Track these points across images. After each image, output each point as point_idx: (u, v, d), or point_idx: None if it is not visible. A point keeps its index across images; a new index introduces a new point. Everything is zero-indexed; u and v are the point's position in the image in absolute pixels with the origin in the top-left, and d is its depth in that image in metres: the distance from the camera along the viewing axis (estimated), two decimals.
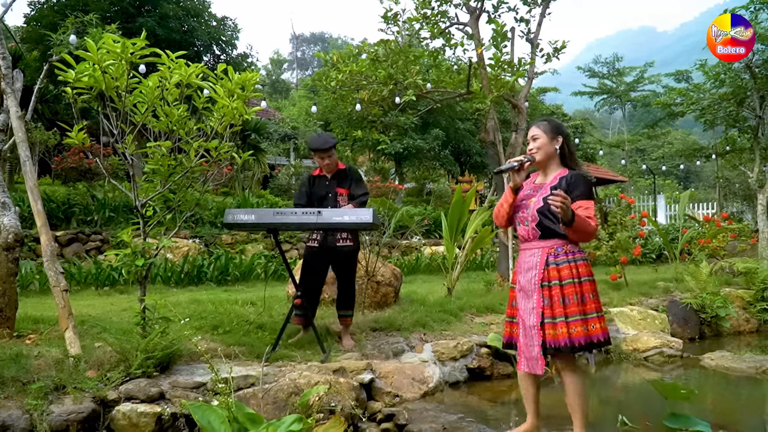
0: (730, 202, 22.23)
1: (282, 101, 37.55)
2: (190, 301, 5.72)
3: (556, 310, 2.90)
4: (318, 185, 4.74)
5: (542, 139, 3.11)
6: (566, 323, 2.87)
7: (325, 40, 70.27)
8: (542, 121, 3.21)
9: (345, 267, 4.72)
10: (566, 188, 2.96)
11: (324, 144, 4.61)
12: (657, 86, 32.64)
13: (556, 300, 2.91)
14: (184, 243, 9.83)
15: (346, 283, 4.75)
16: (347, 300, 4.74)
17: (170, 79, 3.57)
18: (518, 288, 3.09)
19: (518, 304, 3.08)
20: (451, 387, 4.51)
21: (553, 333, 2.88)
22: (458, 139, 20.93)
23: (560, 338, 2.87)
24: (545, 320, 2.91)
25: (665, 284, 8.28)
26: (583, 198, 2.96)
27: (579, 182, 3.01)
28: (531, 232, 3.04)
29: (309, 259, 4.69)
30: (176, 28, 14.97)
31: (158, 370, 3.53)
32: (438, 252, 11.84)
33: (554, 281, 2.93)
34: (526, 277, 3.03)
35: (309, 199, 4.71)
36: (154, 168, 3.68)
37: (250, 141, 16.56)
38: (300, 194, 4.79)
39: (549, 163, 3.14)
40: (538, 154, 3.11)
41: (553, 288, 2.93)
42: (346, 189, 4.68)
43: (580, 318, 2.89)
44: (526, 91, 8.35)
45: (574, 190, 2.96)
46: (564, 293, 2.91)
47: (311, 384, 3.53)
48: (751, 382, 4.97)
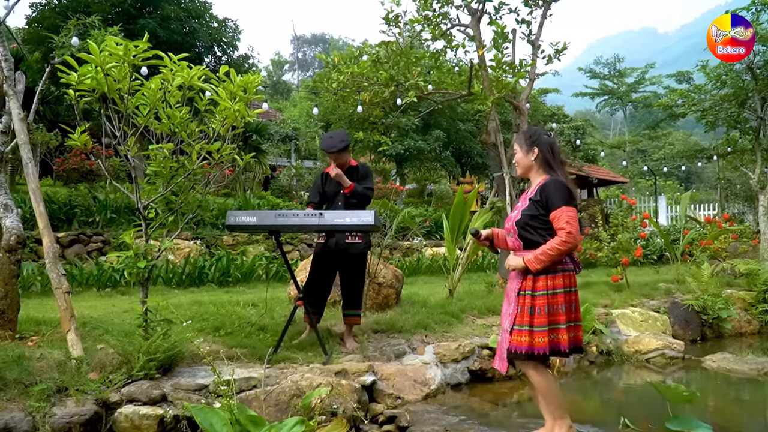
0: (731, 203, 22.23)
1: (283, 102, 37.60)
2: (192, 303, 5.72)
3: (524, 318, 3.03)
4: (330, 183, 4.75)
5: (519, 153, 3.23)
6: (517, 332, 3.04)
7: (326, 41, 70.30)
8: (519, 134, 3.31)
9: (355, 266, 4.70)
10: (538, 198, 3.06)
11: (333, 147, 4.61)
12: (658, 87, 32.67)
13: (525, 309, 3.03)
14: (185, 244, 9.83)
15: (355, 282, 4.73)
16: (355, 299, 4.74)
17: (172, 82, 3.57)
18: (507, 293, 3.26)
19: (504, 309, 3.26)
20: (453, 389, 4.51)
21: (517, 339, 3.03)
22: (459, 141, 20.93)
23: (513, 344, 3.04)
24: (514, 326, 3.06)
25: (667, 285, 8.27)
26: (555, 208, 2.99)
27: (550, 191, 3.03)
28: (515, 243, 3.18)
29: (319, 255, 4.71)
30: (177, 29, 14.99)
31: (160, 372, 3.53)
32: (439, 253, 11.83)
33: (528, 291, 3.05)
34: (510, 284, 3.20)
35: (322, 197, 4.74)
36: (156, 170, 3.68)
37: (251, 142, 16.57)
38: (313, 192, 4.83)
39: (530, 173, 3.23)
40: (519, 169, 3.27)
41: (526, 297, 3.05)
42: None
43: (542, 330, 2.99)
44: (527, 92, 8.35)
45: (547, 201, 3.03)
46: (534, 303, 3.02)
47: (313, 386, 3.53)
48: (753, 384, 4.97)
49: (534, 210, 3.06)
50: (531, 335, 2.99)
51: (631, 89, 35.73)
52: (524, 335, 3.00)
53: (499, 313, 6.02)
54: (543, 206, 3.03)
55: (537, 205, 3.05)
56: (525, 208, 3.11)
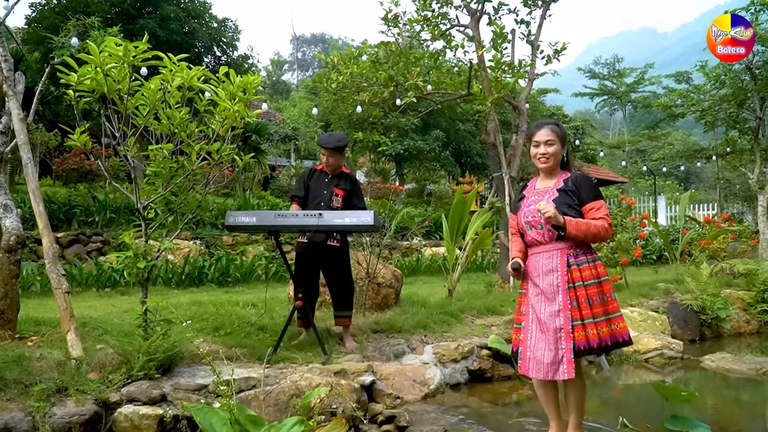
0: (730, 203, 22.23)
1: (282, 102, 37.60)
2: (191, 303, 5.72)
3: (584, 311, 2.88)
4: (317, 180, 4.77)
5: (557, 145, 3.07)
6: (594, 324, 2.87)
7: (325, 41, 70.33)
8: (553, 125, 3.14)
9: (336, 266, 4.70)
10: (573, 189, 2.99)
11: (336, 143, 4.65)
12: (657, 87, 32.72)
13: (583, 301, 2.89)
14: (185, 244, 9.84)
15: (341, 282, 4.73)
16: (343, 300, 4.73)
17: (172, 82, 3.58)
18: (536, 292, 3.02)
19: (534, 307, 3.01)
20: (452, 389, 4.52)
21: (584, 335, 2.85)
22: (458, 140, 20.95)
23: (591, 339, 2.85)
24: (574, 323, 2.87)
25: (666, 285, 8.28)
26: (593, 199, 2.97)
27: (585, 183, 3.03)
28: (547, 235, 2.99)
29: (301, 254, 4.70)
30: (177, 29, 15.00)
31: (160, 372, 3.54)
32: (438, 253, 11.84)
33: (578, 282, 2.92)
34: (546, 280, 2.98)
35: (306, 192, 4.75)
36: (155, 170, 3.69)
37: (250, 142, 16.58)
38: (299, 186, 4.83)
39: (554, 168, 3.12)
40: (551, 161, 3.08)
41: (578, 289, 2.91)
42: (342, 190, 4.70)
43: (605, 318, 2.91)
44: (526, 92, 8.36)
45: (582, 192, 2.98)
46: (588, 294, 2.91)
47: (312, 386, 3.53)
48: (752, 383, 4.98)
49: (570, 199, 2.98)
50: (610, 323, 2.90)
51: (630, 89, 35.78)
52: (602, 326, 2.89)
53: (498, 313, 6.08)
54: (576, 196, 2.98)
55: (572, 195, 2.99)
56: (557, 197, 2.98)
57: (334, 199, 4.66)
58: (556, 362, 2.87)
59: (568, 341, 2.86)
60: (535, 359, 2.93)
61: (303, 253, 4.69)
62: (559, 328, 2.88)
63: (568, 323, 2.87)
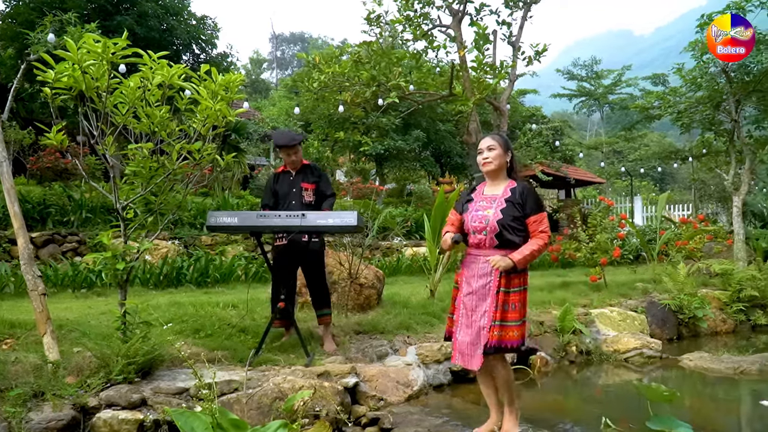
0: (705, 203, 22.59)
1: (262, 101, 37.29)
2: (170, 304, 5.63)
3: (508, 314, 3.17)
4: (282, 181, 4.74)
5: (498, 150, 3.32)
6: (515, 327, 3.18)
7: (305, 40, 69.96)
8: (496, 134, 3.45)
9: (314, 265, 4.69)
10: (520, 201, 3.23)
11: (290, 141, 4.64)
12: (634, 89, 33.11)
13: (501, 305, 3.17)
14: (163, 244, 9.69)
15: (318, 281, 4.72)
16: (322, 298, 4.72)
17: (152, 80, 3.51)
18: (468, 291, 3.28)
19: (465, 305, 3.28)
20: (435, 390, 4.51)
21: (499, 335, 3.13)
22: (439, 141, 20.97)
23: (505, 339, 3.15)
24: (494, 323, 3.15)
25: (644, 285, 8.38)
26: (536, 212, 3.24)
27: (531, 196, 3.27)
28: (488, 242, 3.24)
29: (278, 257, 4.65)
30: (155, 26, 14.80)
31: (140, 376, 3.48)
32: (419, 253, 11.82)
33: (508, 288, 3.19)
34: (479, 282, 3.24)
35: (275, 197, 4.70)
36: (135, 170, 3.62)
37: (230, 141, 16.41)
38: (267, 194, 4.80)
39: (499, 173, 3.35)
40: (493, 164, 3.31)
41: (505, 294, 3.18)
42: (310, 184, 4.68)
43: (519, 323, 3.21)
44: (507, 93, 8.40)
45: (527, 205, 3.23)
46: (511, 300, 3.20)
47: (295, 388, 3.50)
48: (729, 382, 5.05)
49: (516, 212, 3.21)
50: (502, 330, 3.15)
51: (607, 91, 36.17)
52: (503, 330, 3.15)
53: None
54: (522, 209, 3.21)
55: (517, 207, 3.22)
56: (504, 208, 3.21)
57: (305, 194, 4.65)
58: (472, 353, 3.21)
59: (484, 338, 3.16)
60: (460, 351, 3.28)
61: (282, 255, 4.63)
62: (482, 327, 3.18)
63: (489, 322, 3.17)
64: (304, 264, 4.68)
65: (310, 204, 4.65)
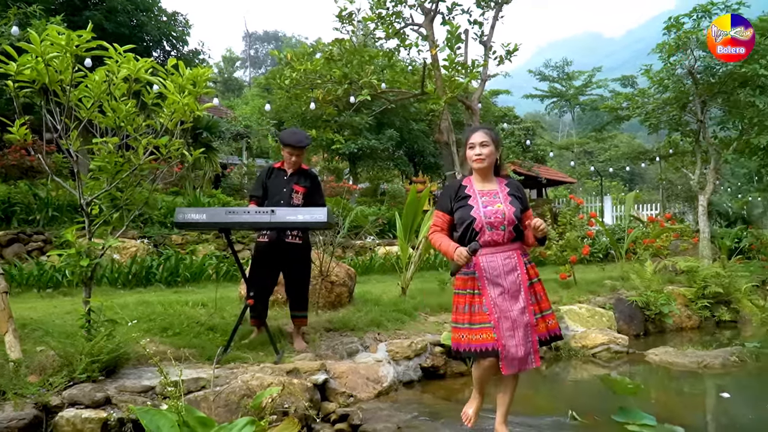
0: (672, 203, 23.07)
1: (235, 100, 36.97)
2: (138, 303, 5.54)
3: (543, 305, 3.15)
4: (276, 178, 4.69)
5: (491, 147, 3.19)
6: (543, 317, 3.14)
7: (279, 38, 69.51)
8: (488, 129, 3.27)
9: (297, 266, 4.64)
10: (518, 194, 3.22)
11: (300, 142, 4.61)
12: (604, 90, 33.65)
13: (540, 296, 3.16)
14: (131, 243, 9.54)
15: (300, 282, 4.66)
16: (301, 300, 4.67)
17: (117, 74, 3.45)
18: (499, 291, 3.04)
19: (501, 306, 3.02)
20: (406, 386, 4.52)
21: (545, 326, 3.12)
22: (412, 140, 21.03)
23: (553, 328, 3.16)
24: (537, 316, 3.09)
25: (612, 283, 8.52)
26: (528, 207, 3.27)
27: (523, 191, 3.31)
28: (506, 236, 3.11)
29: (259, 255, 4.60)
30: (125, 22, 14.57)
31: (104, 375, 3.42)
32: (392, 252, 11.84)
33: (534, 279, 3.16)
34: (509, 278, 3.07)
35: (265, 191, 4.66)
36: (100, 165, 3.55)
37: (201, 140, 16.20)
38: (257, 186, 4.74)
39: (489, 171, 3.25)
40: (487, 161, 3.18)
41: (535, 285, 3.15)
42: (302, 187, 4.64)
43: (550, 312, 3.21)
44: (479, 92, 8.46)
45: (525, 199, 3.25)
46: (537, 289, 3.17)
47: (264, 386, 3.47)
48: (693, 376, 5.16)
49: (521, 206, 3.19)
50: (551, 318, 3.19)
51: (578, 92, 36.72)
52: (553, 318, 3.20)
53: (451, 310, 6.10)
54: (522, 203, 3.20)
55: (520, 200, 3.20)
56: (512, 202, 3.15)
57: (294, 196, 4.59)
58: (526, 355, 3.01)
59: (534, 334, 3.05)
60: (514, 357, 2.99)
61: (263, 253, 4.58)
62: (527, 323, 3.03)
63: (533, 317, 3.07)
64: (288, 264, 4.61)
65: (297, 207, 4.60)
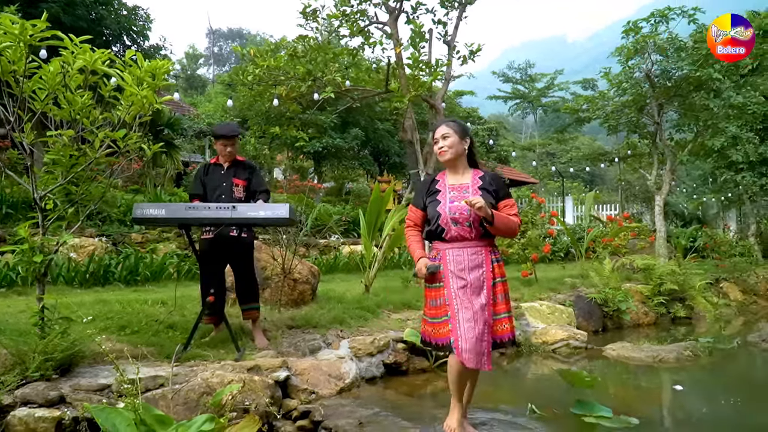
0: (630, 203, 23.64)
1: (198, 97, 36.44)
2: (96, 302, 5.42)
3: (499, 307, 3.08)
4: (213, 173, 4.64)
5: (453, 138, 3.14)
6: (500, 320, 3.07)
7: (243, 36, 68.69)
8: (451, 121, 3.24)
9: (242, 259, 4.59)
10: (493, 188, 3.12)
11: (232, 131, 4.58)
12: (566, 93, 34.28)
13: (499, 298, 3.09)
14: (89, 242, 9.30)
15: (246, 274, 4.61)
16: (249, 292, 4.61)
17: (73, 65, 3.36)
18: (461, 284, 3.01)
19: (462, 299, 2.99)
20: (368, 382, 4.52)
21: (500, 329, 3.05)
22: (377, 140, 21.05)
23: (505, 333, 3.07)
24: (494, 317, 3.05)
25: (572, 280, 8.68)
26: (506, 197, 3.16)
27: (500, 182, 3.19)
28: (473, 232, 3.07)
29: (206, 250, 4.54)
30: (83, 15, 14.20)
31: (58, 373, 3.33)
32: (356, 251, 11.82)
33: (498, 279, 3.10)
34: (473, 274, 3.03)
35: (204, 189, 4.61)
36: (54, 158, 3.46)
37: (163, 137, 15.92)
38: (196, 185, 4.68)
39: (458, 162, 3.18)
40: (449, 153, 3.14)
41: (497, 285, 3.09)
42: (242, 180, 4.60)
43: (507, 315, 3.12)
44: (443, 91, 8.51)
45: (499, 191, 3.15)
46: (503, 290, 3.12)
47: (224, 383, 3.43)
48: (649, 370, 5.31)
49: (490, 197, 3.08)
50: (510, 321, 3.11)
51: (541, 94, 37.35)
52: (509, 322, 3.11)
53: (415, 308, 6.14)
54: (495, 195, 3.12)
55: (492, 194, 3.11)
56: (482, 196, 3.01)
57: (235, 189, 4.56)
58: (483, 353, 2.94)
59: (490, 335, 2.99)
60: (470, 350, 2.91)
61: (209, 249, 4.52)
62: (485, 322, 2.97)
63: (491, 317, 3.02)
64: (232, 257, 4.57)
65: (240, 200, 4.56)
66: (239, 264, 4.60)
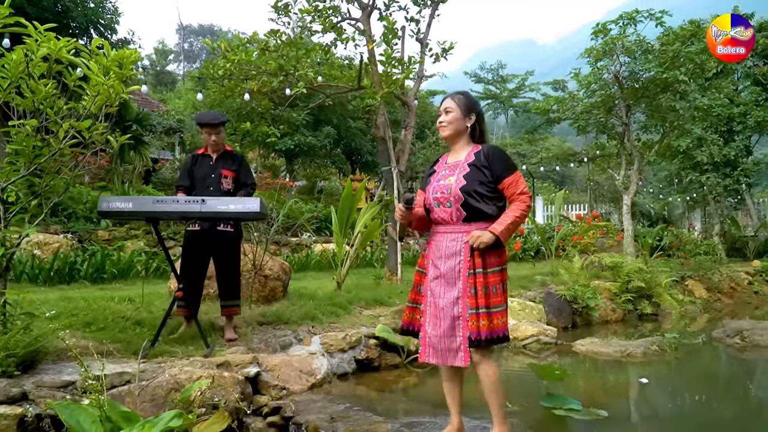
0: (599, 203, 24.01)
1: (167, 93, 35.92)
2: (61, 299, 5.28)
3: (480, 300, 2.68)
4: (201, 164, 4.58)
5: (455, 113, 2.88)
6: (488, 315, 2.68)
7: (214, 33, 67.75)
8: (459, 94, 2.97)
9: (227, 254, 4.54)
10: (486, 164, 2.76)
11: (214, 119, 4.52)
12: (537, 94, 34.69)
13: (480, 290, 2.69)
14: (54, 239, 9.09)
15: (230, 271, 4.57)
16: (232, 289, 4.57)
17: (37, 53, 3.27)
18: (435, 275, 2.83)
19: (433, 291, 2.83)
20: (340, 378, 4.50)
21: (488, 324, 2.66)
22: (350, 138, 21.01)
23: (496, 328, 2.70)
24: (470, 311, 2.68)
25: (542, 278, 8.77)
26: (508, 172, 2.77)
27: (497, 156, 2.81)
28: (454, 214, 2.78)
29: (190, 244, 4.48)
30: (49, 7, 13.86)
31: (20, 370, 3.24)
32: (328, 249, 11.77)
33: (479, 269, 2.71)
34: (448, 263, 2.78)
35: (191, 179, 4.53)
36: (17, 149, 3.35)
37: (131, 132, 15.65)
38: (183, 175, 4.61)
39: (458, 140, 2.91)
40: (447, 129, 2.89)
41: (478, 276, 2.70)
42: (231, 172, 4.55)
43: (500, 309, 2.75)
44: (415, 89, 8.52)
45: (495, 167, 2.77)
46: (489, 282, 2.72)
47: (193, 379, 3.37)
48: (617, 364, 5.39)
49: (482, 176, 2.75)
50: (489, 317, 2.67)
51: (512, 95, 37.73)
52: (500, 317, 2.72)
53: (386, 304, 6.13)
54: (490, 172, 2.75)
55: (483, 171, 2.75)
56: (468, 173, 2.75)
57: (224, 181, 4.50)
58: (453, 349, 2.74)
59: (464, 330, 2.71)
60: (432, 345, 2.80)
61: (193, 242, 4.46)
62: (457, 316, 2.73)
63: (465, 311, 2.71)
64: (217, 252, 4.50)
65: (228, 192, 4.52)
66: (225, 258, 4.53)
